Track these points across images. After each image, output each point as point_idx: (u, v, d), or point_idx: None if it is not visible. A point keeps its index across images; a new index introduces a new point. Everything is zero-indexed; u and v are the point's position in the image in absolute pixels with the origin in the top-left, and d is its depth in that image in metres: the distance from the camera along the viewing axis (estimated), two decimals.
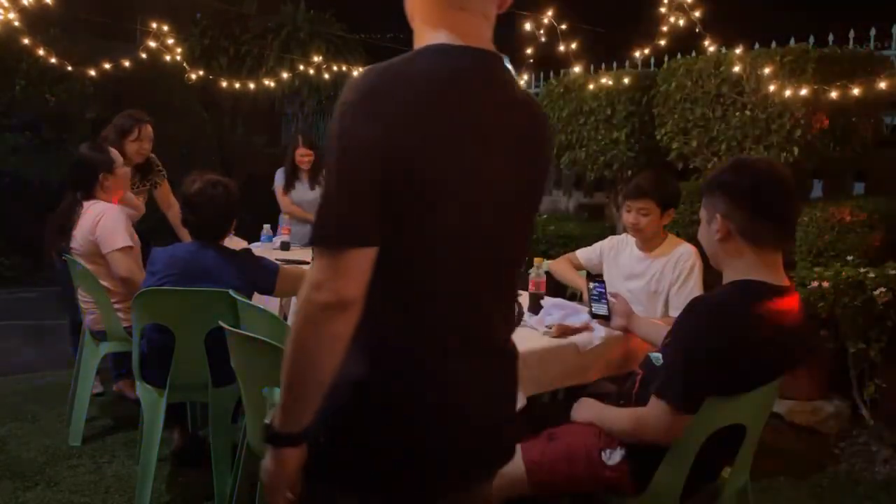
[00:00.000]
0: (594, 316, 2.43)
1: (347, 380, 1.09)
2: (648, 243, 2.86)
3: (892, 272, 3.26)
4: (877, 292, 3.17)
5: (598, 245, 3.15)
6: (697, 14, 3.95)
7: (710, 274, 1.91)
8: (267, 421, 1.17)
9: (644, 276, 2.84)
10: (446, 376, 1.14)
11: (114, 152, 3.42)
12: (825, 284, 3.28)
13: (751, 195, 1.72)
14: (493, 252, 1.17)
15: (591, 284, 2.48)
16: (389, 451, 1.12)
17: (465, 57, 1.12)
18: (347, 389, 1.10)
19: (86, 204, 3.27)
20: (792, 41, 4.02)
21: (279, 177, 4.89)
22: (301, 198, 4.80)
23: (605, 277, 3.01)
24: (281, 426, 1.09)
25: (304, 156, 4.75)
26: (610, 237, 3.14)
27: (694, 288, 2.71)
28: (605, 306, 2.42)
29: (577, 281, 3.05)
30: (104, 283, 3.17)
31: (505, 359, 1.26)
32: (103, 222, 3.17)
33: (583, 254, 3.19)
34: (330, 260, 1.02)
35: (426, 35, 1.15)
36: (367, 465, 1.13)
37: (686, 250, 2.78)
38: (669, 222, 2.87)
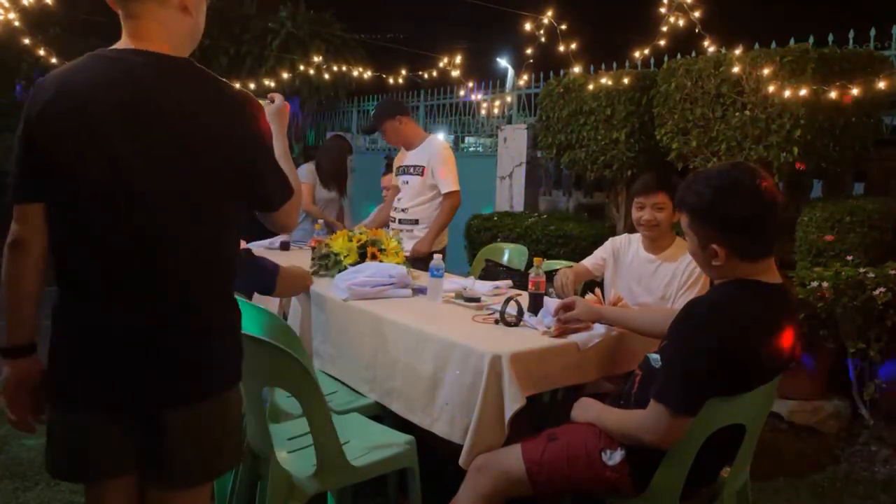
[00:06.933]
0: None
1: None
2: (658, 243, 2.78)
3: (892, 272, 3.26)
4: (877, 292, 3.17)
5: (597, 252, 3.03)
6: (697, 14, 3.94)
7: None
8: None
9: (654, 279, 2.76)
10: None
11: None
12: (825, 284, 3.28)
13: (748, 226, 1.72)
14: None
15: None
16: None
17: None
18: None
19: None
20: (792, 41, 4.02)
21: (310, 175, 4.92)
22: (319, 197, 4.96)
23: (609, 281, 2.96)
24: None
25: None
26: (610, 240, 3.03)
27: (699, 292, 2.65)
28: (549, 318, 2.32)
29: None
30: None
31: None
32: None
33: (589, 261, 3.03)
34: None
35: None
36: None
37: None
38: (677, 220, 2.82)
